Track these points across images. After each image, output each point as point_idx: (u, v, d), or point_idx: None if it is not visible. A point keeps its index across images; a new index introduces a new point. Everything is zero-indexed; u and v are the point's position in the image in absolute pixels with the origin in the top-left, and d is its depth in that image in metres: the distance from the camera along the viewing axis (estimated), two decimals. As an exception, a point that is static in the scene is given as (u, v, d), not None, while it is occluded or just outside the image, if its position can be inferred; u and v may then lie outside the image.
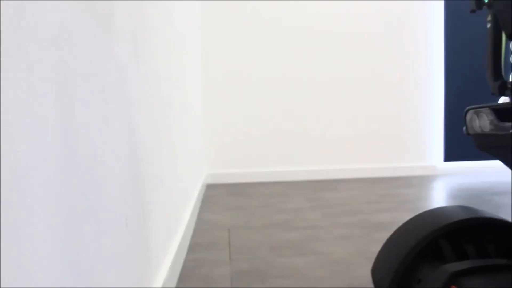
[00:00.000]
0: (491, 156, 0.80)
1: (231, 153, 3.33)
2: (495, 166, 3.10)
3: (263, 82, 3.31)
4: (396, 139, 3.44)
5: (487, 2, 0.79)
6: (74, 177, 0.56)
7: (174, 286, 1.28)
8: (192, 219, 1.96)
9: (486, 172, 3.38)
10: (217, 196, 2.76)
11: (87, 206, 0.61)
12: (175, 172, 1.54)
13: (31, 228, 0.44)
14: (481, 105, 0.76)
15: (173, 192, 1.47)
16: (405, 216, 2.05)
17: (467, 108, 0.79)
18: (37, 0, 0.47)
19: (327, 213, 2.21)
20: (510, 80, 0.77)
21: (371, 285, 0.87)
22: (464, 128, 0.81)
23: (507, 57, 0.82)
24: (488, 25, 0.81)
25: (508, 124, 0.72)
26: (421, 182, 3.12)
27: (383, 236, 1.72)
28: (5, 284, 0.39)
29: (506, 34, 0.75)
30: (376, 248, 1.59)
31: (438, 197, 2.67)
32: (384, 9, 3.37)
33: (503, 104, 0.73)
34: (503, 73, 0.80)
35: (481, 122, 0.76)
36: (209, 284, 1.32)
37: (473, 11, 0.82)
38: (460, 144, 3.42)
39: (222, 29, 3.26)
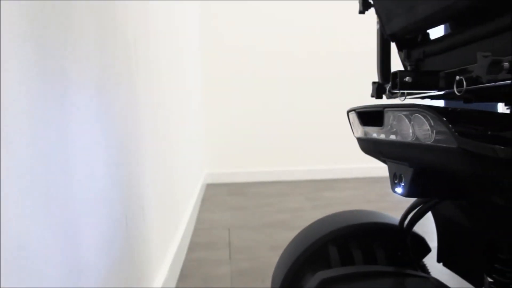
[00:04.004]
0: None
1: (231, 153, 3.33)
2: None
3: (263, 82, 3.31)
4: (396, 139, 3.43)
5: (372, 3, 0.75)
6: (74, 177, 0.56)
7: (174, 286, 1.28)
8: (192, 219, 1.96)
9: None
10: (217, 196, 2.76)
11: (87, 206, 0.61)
12: (175, 172, 1.54)
13: (28, 230, 0.44)
14: (355, 108, 0.71)
15: (173, 192, 1.47)
16: (405, 215, 2.04)
17: (347, 110, 0.74)
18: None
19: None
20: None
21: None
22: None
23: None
24: (378, 26, 0.76)
25: (368, 128, 0.66)
26: (421, 181, 3.11)
27: (383, 235, 1.71)
28: (5, 284, 0.39)
29: (384, 34, 0.69)
30: (376, 247, 1.58)
31: (438, 197, 2.67)
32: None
33: (365, 106, 0.67)
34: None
35: (354, 125, 0.72)
36: (209, 283, 1.32)
37: (361, 12, 0.78)
38: (460, 144, 3.41)
39: (222, 29, 3.26)
